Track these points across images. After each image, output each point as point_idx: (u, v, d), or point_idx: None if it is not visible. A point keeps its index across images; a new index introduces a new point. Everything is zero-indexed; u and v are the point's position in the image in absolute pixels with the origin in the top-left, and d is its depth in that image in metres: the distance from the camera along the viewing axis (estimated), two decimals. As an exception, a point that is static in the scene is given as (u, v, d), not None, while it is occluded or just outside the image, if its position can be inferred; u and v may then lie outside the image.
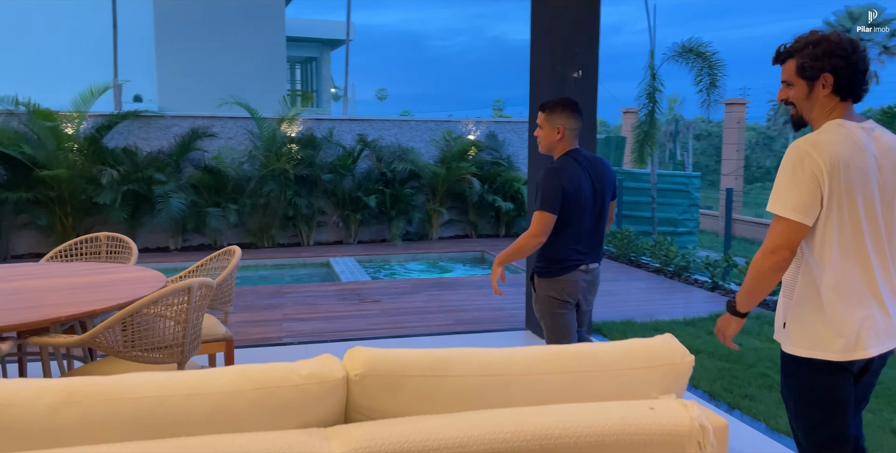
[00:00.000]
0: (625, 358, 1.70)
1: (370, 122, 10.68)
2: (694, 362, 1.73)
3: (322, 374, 1.51)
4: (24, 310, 2.70)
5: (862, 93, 1.95)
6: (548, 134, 3.06)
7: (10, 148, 8.43)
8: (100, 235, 4.17)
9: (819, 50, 1.91)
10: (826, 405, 1.96)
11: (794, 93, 1.98)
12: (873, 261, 1.93)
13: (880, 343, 1.94)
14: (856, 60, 1.90)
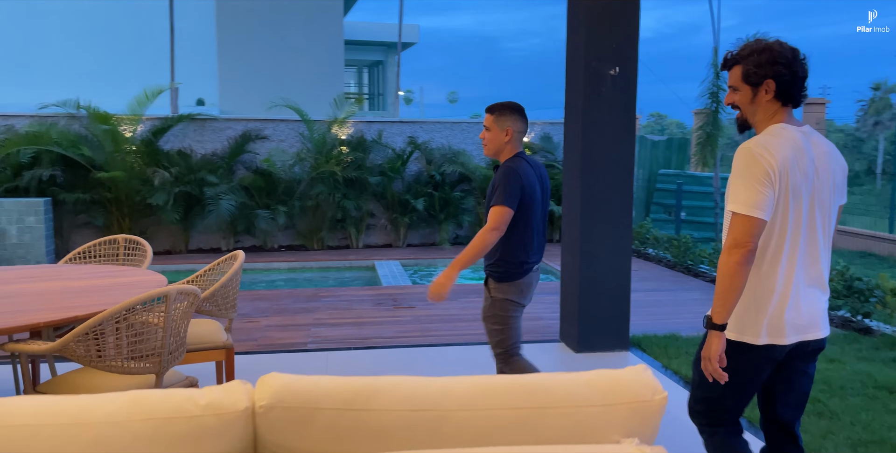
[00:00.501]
0: (584, 392, 1.46)
1: (421, 124, 10.56)
2: (665, 399, 1.48)
3: (222, 405, 1.34)
4: (6, 315, 2.66)
5: (801, 98, 2.06)
6: (496, 136, 3.07)
7: (70, 150, 8.71)
8: (118, 237, 4.16)
9: (762, 58, 2.02)
10: (730, 383, 2.08)
11: (739, 97, 2.09)
12: (808, 256, 2.07)
13: (802, 332, 2.07)
14: (796, 68, 2.02)
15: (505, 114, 3.07)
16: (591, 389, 1.47)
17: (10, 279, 3.40)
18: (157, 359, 2.61)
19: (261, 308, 6.23)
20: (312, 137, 9.75)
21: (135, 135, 9.20)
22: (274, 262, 8.81)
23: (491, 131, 3.09)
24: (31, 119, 9.10)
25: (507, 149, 3.10)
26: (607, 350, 4.85)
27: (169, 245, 9.58)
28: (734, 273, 1.95)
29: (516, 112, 3.09)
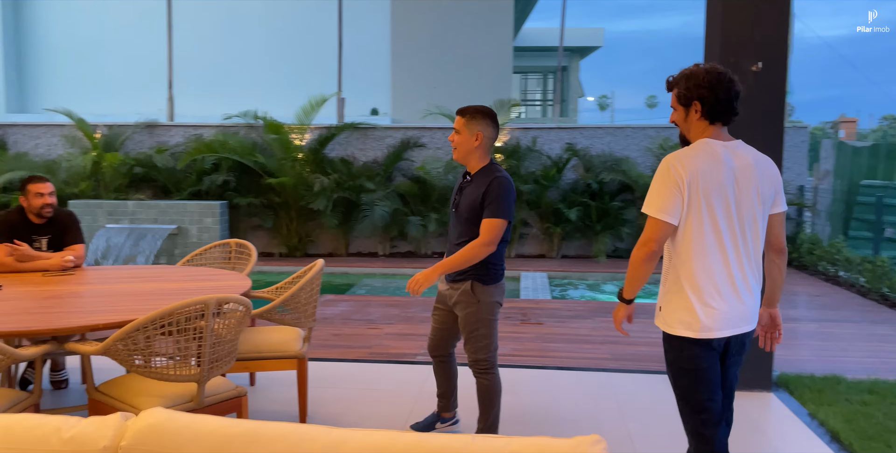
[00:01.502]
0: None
1: (581, 130, 10.12)
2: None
3: (84, 440, 1.22)
4: (78, 314, 2.81)
5: (730, 116, 2.31)
6: (466, 139, 3.00)
7: (245, 157, 9.43)
8: (230, 241, 4.34)
9: (690, 82, 2.30)
10: (693, 373, 2.33)
11: (676, 116, 2.39)
12: (731, 257, 2.29)
13: (733, 326, 2.32)
14: (719, 91, 2.27)
15: (476, 119, 3.00)
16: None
17: (113, 278, 3.63)
18: (197, 370, 2.61)
19: (389, 314, 6.25)
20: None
21: (304, 144, 9.76)
22: (419, 268, 8.86)
23: (461, 134, 3.02)
24: (217, 129, 9.99)
25: (476, 154, 3.02)
26: (743, 389, 4.20)
27: (331, 248, 10.03)
28: (640, 265, 2.31)
29: (488, 117, 3.02)
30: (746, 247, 2.31)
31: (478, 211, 2.96)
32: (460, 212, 3.04)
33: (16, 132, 10.30)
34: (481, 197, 2.94)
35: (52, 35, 14.32)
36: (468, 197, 3.00)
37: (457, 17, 13.74)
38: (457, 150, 3.05)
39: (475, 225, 2.98)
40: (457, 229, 3.10)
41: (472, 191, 3.01)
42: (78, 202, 9.25)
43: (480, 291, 3.04)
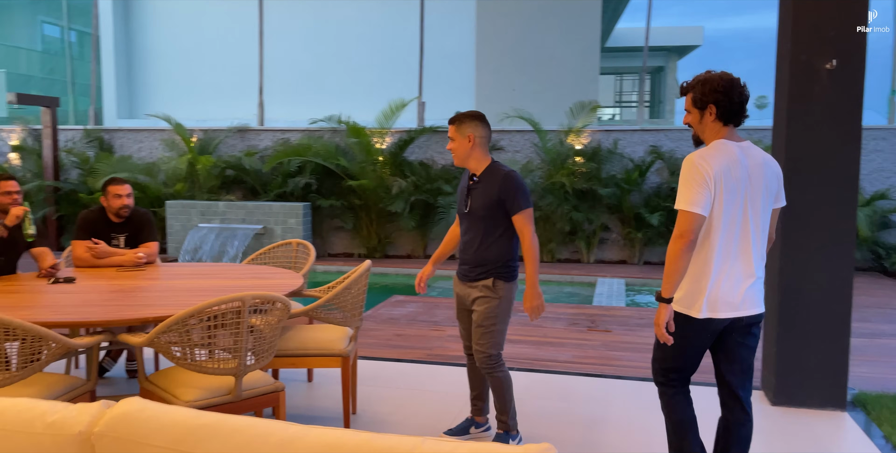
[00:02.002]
0: (441, 474, 1.14)
1: (666, 132, 9.81)
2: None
3: (63, 426, 1.30)
4: (133, 307, 2.98)
5: (741, 119, 2.54)
6: (460, 144, 3.14)
7: (328, 160, 9.72)
8: (292, 241, 4.48)
9: (706, 87, 2.49)
10: (681, 347, 2.58)
11: (691, 118, 2.59)
12: (742, 247, 2.51)
13: (735, 309, 2.53)
14: (733, 95, 2.48)
15: (465, 123, 3.13)
16: (453, 470, 1.14)
17: (179, 274, 3.83)
18: (234, 363, 2.71)
19: (454, 317, 6.26)
20: (545, 147, 9.61)
21: (384, 147, 9.95)
22: (496, 272, 8.84)
23: (455, 141, 3.15)
24: (303, 133, 10.35)
25: (474, 155, 3.15)
26: (814, 406, 3.94)
27: (408, 249, 10.17)
28: (678, 258, 2.41)
29: (476, 119, 3.15)
30: (756, 238, 2.54)
31: (495, 209, 3.07)
32: (474, 211, 3.12)
33: (122, 136, 11.05)
34: (498, 195, 3.06)
35: (158, 46, 15.26)
36: (481, 197, 3.10)
37: (542, 19, 13.62)
38: (456, 156, 3.18)
39: (491, 221, 3.09)
40: (471, 229, 3.16)
41: (483, 190, 3.10)
42: (174, 202, 9.81)
43: (501, 287, 3.14)
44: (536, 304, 3.11)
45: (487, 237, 3.11)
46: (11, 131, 11.26)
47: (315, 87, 14.33)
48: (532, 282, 3.10)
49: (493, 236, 3.10)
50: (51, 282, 3.57)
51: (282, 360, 3.36)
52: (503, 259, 3.13)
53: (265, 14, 11.86)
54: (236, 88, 13.85)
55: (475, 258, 3.15)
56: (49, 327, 2.67)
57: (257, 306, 2.77)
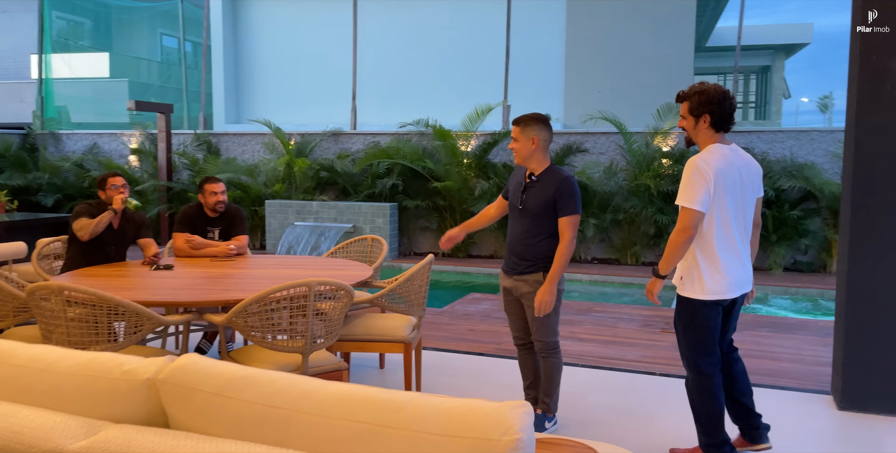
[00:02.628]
0: (429, 417, 1.34)
1: (758, 134, 9.53)
2: (520, 443, 1.27)
3: (134, 373, 1.59)
4: (218, 291, 3.34)
5: (730, 126, 2.94)
6: (524, 145, 3.31)
7: (415, 163, 10.06)
8: (367, 237, 4.79)
9: (702, 98, 2.88)
10: (704, 329, 2.95)
11: (686, 124, 2.98)
12: (736, 236, 2.93)
13: (738, 289, 2.99)
14: (725, 106, 2.88)
15: (530, 125, 3.30)
16: (439, 416, 1.34)
17: (264, 265, 4.20)
18: (301, 342, 3.00)
19: (529, 315, 6.41)
20: (631, 149, 9.56)
21: (469, 150, 10.20)
22: (577, 274, 8.89)
23: (519, 141, 3.32)
24: (392, 136, 10.75)
25: (535, 157, 3.33)
26: (884, 413, 3.85)
27: (491, 250, 10.36)
28: (678, 249, 2.84)
29: (541, 122, 3.33)
30: (746, 227, 2.97)
31: (549, 208, 3.24)
32: (529, 209, 3.29)
33: (227, 140, 11.84)
34: (553, 196, 3.24)
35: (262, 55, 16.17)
36: (537, 195, 3.27)
37: (635, 20, 13.49)
38: (518, 156, 3.36)
39: (544, 220, 3.27)
40: (523, 225, 3.33)
41: (540, 190, 3.27)
42: (273, 202, 10.44)
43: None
44: (547, 299, 3.26)
45: (539, 233, 3.29)
46: (131, 135, 12.29)
47: (405, 92, 14.77)
48: (550, 280, 3.26)
49: (545, 233, 3.28)
50: (152, 269, 4.01)
51: (350, 344, 3.64)
52: (551, 254, 3.30)
53: (359, 23, 12.39)
54: (332, 94, 14.48)
55: (525, 252, 3.32)
56: (147, 306, 3.05)
57: (325, 293, 3.05)
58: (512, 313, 3.53)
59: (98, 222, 4.18)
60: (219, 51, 15.94)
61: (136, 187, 11.27)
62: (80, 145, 12.62)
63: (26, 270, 4.74)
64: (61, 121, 14.26)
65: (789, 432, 3.61)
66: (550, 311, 3.34)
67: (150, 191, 11.28)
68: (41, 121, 13.47)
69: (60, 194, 11.76)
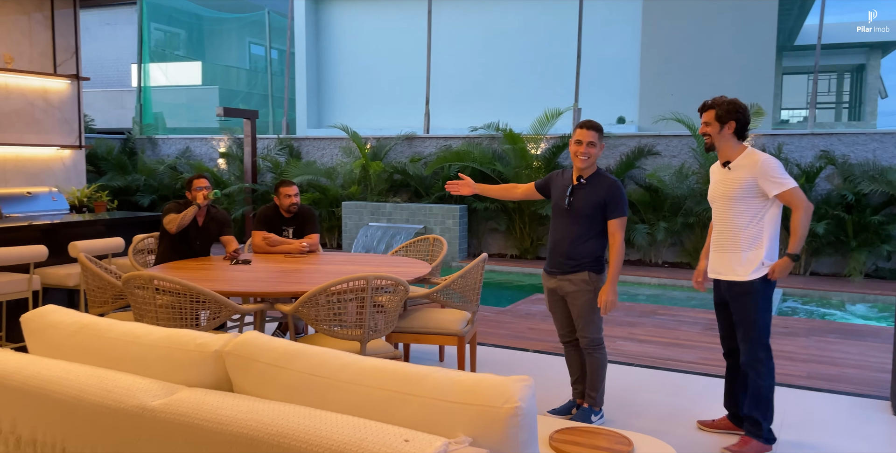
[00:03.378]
0: (445, 387, 1.56)
1: (839, 136, 9.25)
2: (519, 410, 1.46)
3: (205, 346, 1.88)
4: (282, 284, 3.66)
5: (746, 136, 3.33)
6: (598, 152, 3.51)
7: (485, 166, 10.28)
8: (429, 237, 5.04)
9: (730, 107, 3.26)
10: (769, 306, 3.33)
11: (710, 129, 3.31)
12: None
13: None
14: (747, 116, 3.29)
15: (601, 133, 3.52)
16: (453, 386, 1.56)
17: (333, 261, 4.51)
18: (360, 331, 3.27)
19: (590, 316, 6.51)
20: (703, 152, 9.46)
21: (539, 153, 10.33)
22: (645, 277, 8.88)
23: (597, 147, 3.50)
24: (463, 140, 11.01)
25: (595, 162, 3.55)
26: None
27: (561, 252, 10.44)
28: (807, 224, 3.19)
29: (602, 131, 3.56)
30: None
31: (598, 210, 3.43)
32: (577, 210, 3.45)
33: (308, 144, 12.39)
34: (603, 199, 3.45)
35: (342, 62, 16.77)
36: (585, 197, 3.43)
37: (713, 20, 13.25)
38: (589, 160, 3.49)
39: (592, 221, 3.44)
40: (570, 226, 3.49)
41: (589, 192, 3.44)
42: (349, 203, 10.88)
43: (594, 279, 3.51)
44: (610, 299, 3.43)
45: (585, 234, 3.45)
46: (220, 140, 13.04)
47: (478, 96, 15.01)
48: (611, 280, 3.44)
49: (591, 234, 3.44)
50: (232, 263, 4.39)
51: (408, 336, 3.90)
52: (596, 254, 3.47)
53: (433, 29, 12.72)
54: (407, 99, 14.88)
55: (571, 251, 3.48)
56: (225, 295, 3.39)
57: (386, 287, 3.31)
58: (556, 312, 3.68)
59: (184, 216, 4.60)
60: (302, 58, 16.64)
61: (223, 189, 11.96)
62: (174, 149, 13.47)
63: (123, 263, 5.23)
64: (158, 127, 15.24)
65: (841, 435, 3.62)
66: (594, 310, 3.49)
67: (236, 192, 11.94)
68: (140, 127, 14.45)
69: (156, 195, 12.61)
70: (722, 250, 3.34)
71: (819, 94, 30.40)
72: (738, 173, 3.25)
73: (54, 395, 1.84)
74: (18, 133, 7.10)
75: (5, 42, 6.97)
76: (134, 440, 1.72)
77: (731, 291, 3.32)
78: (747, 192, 3.23)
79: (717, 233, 3.38)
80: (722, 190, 3.32)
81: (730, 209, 3.29)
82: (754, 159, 3.23)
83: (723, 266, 3.34)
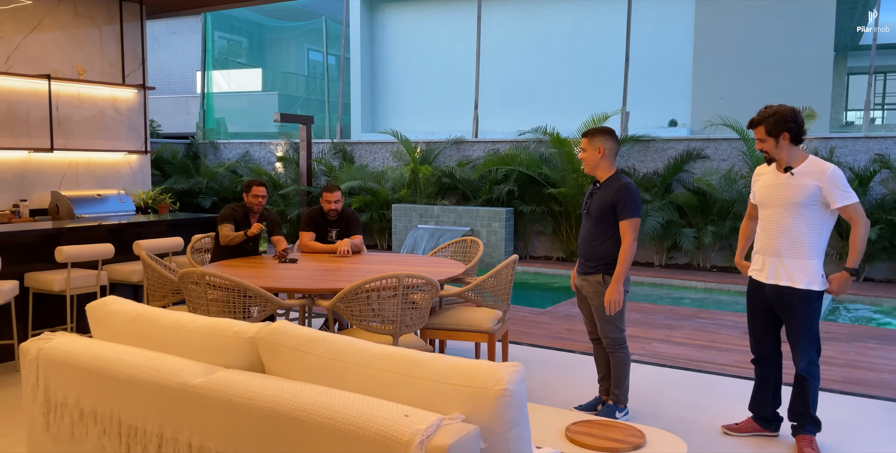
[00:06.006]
0: (444, 371, 1.75)
1: (895, 140, 9.03)
2: (507, 392, 1.65)
3: (241, 333, 2.12)
4: (324, 281, 3.91)
5: (803, 138, 3.29)
6: (591, 154, 3.62)
7: (531, 169, 10.42)
8: (466, 239, 5.23)
9: (777, 119, 3.26)
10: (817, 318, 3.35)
11: (766, 145, 3.32)
12: None
13: None
14: (799, 121, 3.26)
15: (596, 136, 3.62)
16: (452, 370, 1.75)
17: (373, 261, 4.76)
18: (392, 326, 3.49)
19: (629, 319, 6.59)
20: (753, 156, 9.38)
21: (586, 156, 10.39)
22: (691, 281, 8.85)
23: (587, 151, 3.64)
24: (511, 144, 11.17)
25: (602, 165, 3.63)
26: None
27: (607, 255, 10.48)
28: (866, 239, 3.20)
29: (607, 134, 3.63)
30: None
31: (608, 212, 3.53)
32: (591, 213, 3.60)
33: (360, 148, 12.76)
34: (611, 201, 3.50)
35: (394, 68, 17.13)
36: (599, 200, 3.55)
37: (767, 21, 13.05)
38: (586, 165, 3.65)
39: (604, 223, 3.55)
40: (587, 228, 3.65)
41: (602, 195, 3.55)
42: (398, 206, 11.17)
43: (608, 282, 3.57)
44: (615, 298, 3.53)
45: (599, 236, 3.58)
46: (278, 144, 13.54)
47: (526, 100, 15.13)
48: (616, 280, 3.52)
49: (605, 236, 3.57)
50: (280, 262, 4.68)
51: (441, 332, 4.10)
52: (611, 257, 3.58)
53: (482, 35, 12.92)
54: (457, 103, 15.12)
55: (588, 253, 3.64)
56: (271, 291, 3.66)
57: (420, 286, 3.52)
58: (583, 310, 3.84)
59: (233, 238, 4.92)
60: (357, 64, 17.09)
61: (279, 191, 12.43)
62: (235, 153, 14.04)
63: (182, 261, 5.60)
64: (220, 132, 15.90)
65: (868, 438, 3.65)
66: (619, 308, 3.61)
67: (292, 194, 12.38)
68: (203, 132, 15.11)
69: (217, 197, 13.18)
70: (778, 255, 3.32)
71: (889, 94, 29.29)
72: (804, 180, 3.23)
73: (112, 374, 2.12)
74: (90, 139, 7.62)
75: (78, 54, 7.50)
76: (178, 412, 1.97)
77: (788, 298, 3.31)
78: (812, 200, 3.22)
79: (770, 237, 3.35)
80: (784, 195, 3.29)
81: (792, 215, 3.27)
82: (822, 168, 3.23)
83: (778, 271, 3.32)
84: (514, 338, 5.66)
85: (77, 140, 7.51)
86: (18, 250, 4.99)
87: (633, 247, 3.52)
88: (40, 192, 7.25)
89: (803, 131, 3.26)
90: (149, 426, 2.04)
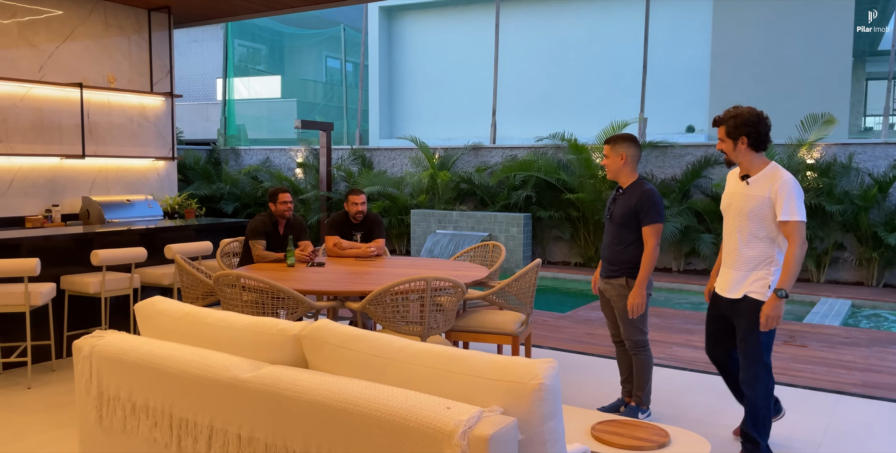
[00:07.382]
0: (482, 367, 1.85)
1: (914, 146, 9.03)
2: (543, 386, 1.74)
3: (286, 331, 2.23)
4: (355, 283, 4.03)
5: (767, 145, 3.16)
6: (613, 161, 3.69)
7: (550, 175, 10.50)
8: (488, 243, 5.34)
9: (737, 121, 3.13)
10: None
11: (724, 146, 3.21)
12: None
13: None
14: (760, 127, 3.11)
15: (619, 143, 3.68)
16: (489, 365, 1.85)
17: (397, 264, 4.87)
18: (420, 327, 3.60)
19: (649, 323, 6.64)
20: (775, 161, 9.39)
21: (604, 162, 10.46)
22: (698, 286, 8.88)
23: (609, 158, 3.71)
24: (529, 150, 11.26)
25: (624, 171, 3.70)
26: None
27: (625, 261, 10.53)
28: (801, 261, 3.00)
29: (628, 140, 3.69)
30: None
31: (631, 218, 3.61)
32: (614, 218, 3.67)
33: (379, 154, 12.90)
34: (634, 207, 3.58)
35: (412, 74, 17.29)
36: (622, 206, 3.62)
37: (785, 26, 13.07)
38: (609, 171, 3.72)
39: (627, 229, 3.63)
40: (611, 233, 3.73)
41: (624, 201, 3.62)
42: (417, 211, 11.29)
43: (632, 285, 3.65)
44: (637, 302, 3.60)
45: (623, 241, 3.67)
46: (298, 150, 13.72)
47: (544, 106, 15.22)
48: (639, 284, 3.60)
49: (628, 241, 3.65)
50: (308, 265, 4.81)
51: (466, 334, 4.20)
52: (634, 261, 3.67)
53: (500, 41, 13.03)
54: (475, 109, 15.24)
55: (611, 257, 3.72)
56: (301, 293, 3.78)
57: (446, 289, 3.63)
58: (606, 313, 3.92)
59: (265, 257, 5.02)
60: (375, 71, 17.27)
61: (300, 197, 12.60)
62: (255, 159, 14.25)
63: (210, 264, 5.74)
64: (240, 138, 16.12)
65: (889, 441, 3.70)
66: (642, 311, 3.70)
67: (312, 200, 12.55)
68: (224, 138, 15.33)
69: (238, 202, 13.37)
70: (728, 266, 3.23)
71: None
72: (755, 190, 3.10)
73: (163, 369, 2.24)
74: (119, 146, 7.81)
75: (108, 63, 7.69)
76: (228, 405, 2.09)
77: (734, 307, 3.22)
78: (762, 210, 3.07)
79: (725, 246, 3.27)
80: (738, 204, 3.17)
81: (745, 224, 3.13)
82: (775, 177, 3.06)
83: (726, 282, 3.25)
84: (535, 342, 5.74)
85: (107, 146, 7.70)
86: (54, 253, 5.15)
87: (655, 252, 3.60)
88: (71, 198, 7.44)
89: (766, 138, 3.09)
90: (199, 418, 2.16)
